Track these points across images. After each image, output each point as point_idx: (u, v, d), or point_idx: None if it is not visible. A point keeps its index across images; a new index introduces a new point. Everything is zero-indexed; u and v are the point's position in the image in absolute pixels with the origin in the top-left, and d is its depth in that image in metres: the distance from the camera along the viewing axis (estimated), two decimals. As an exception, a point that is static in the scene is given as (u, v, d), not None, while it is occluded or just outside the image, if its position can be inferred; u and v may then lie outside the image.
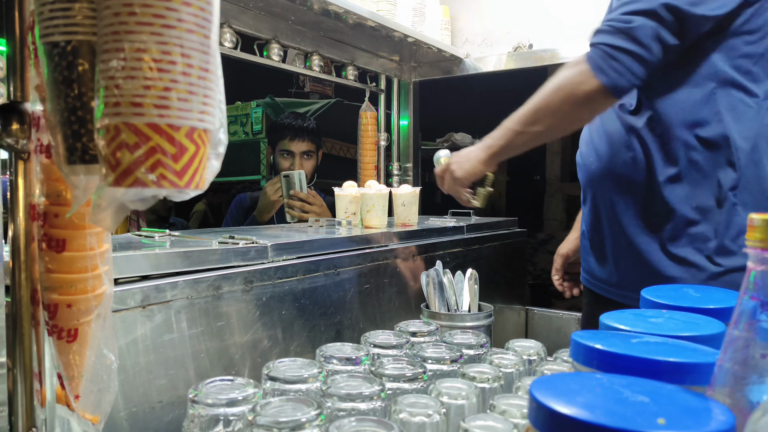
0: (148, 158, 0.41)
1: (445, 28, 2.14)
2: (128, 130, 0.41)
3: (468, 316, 1.16)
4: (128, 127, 0.41)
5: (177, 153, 0.42)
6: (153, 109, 0.41)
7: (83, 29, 0.45)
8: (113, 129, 0.41)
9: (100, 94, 0.41)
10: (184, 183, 0.43)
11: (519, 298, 1.99)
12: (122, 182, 0.42)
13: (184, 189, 0.43)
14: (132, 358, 0.86)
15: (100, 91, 0.41)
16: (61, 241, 0.53)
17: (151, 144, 0.41)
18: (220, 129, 0.45)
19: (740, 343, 0.45)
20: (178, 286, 0.93)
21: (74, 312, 0.54)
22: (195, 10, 0.41)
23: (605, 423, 0.37)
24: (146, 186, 0.41)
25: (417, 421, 0.63)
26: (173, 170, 0.42)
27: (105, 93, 0.41)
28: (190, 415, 0.64)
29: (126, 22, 0.40)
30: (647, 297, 0.77)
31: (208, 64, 0.43)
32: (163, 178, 0.42)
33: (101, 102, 0.41)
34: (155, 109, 0.41)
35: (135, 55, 0.40)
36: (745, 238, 0.44)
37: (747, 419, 0.39)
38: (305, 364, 0.76)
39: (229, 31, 1.54)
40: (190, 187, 0.43)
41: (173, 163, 0.42)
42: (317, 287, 1.18)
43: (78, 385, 0.55)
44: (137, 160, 0.41)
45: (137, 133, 0.41)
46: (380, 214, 1.57)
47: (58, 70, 0.46)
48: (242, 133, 3.58)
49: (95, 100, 0.42)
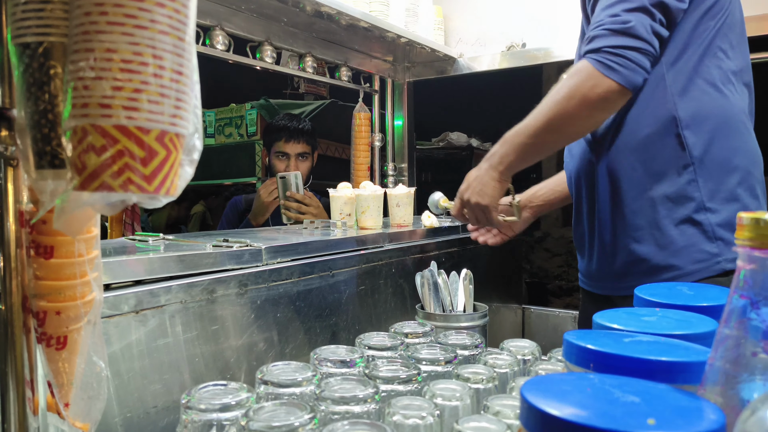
0: (116, 161, 0.40)
1: (438, 28, 2.14)
2: (96, 132, 0.40)
3: (463, 317, 1.16)
4: (96, 129, 0.40)
5: (146, 157, 0.41)
6: (122, 110, 0.39)
7: (56, 30, 0.44)
8: (80, 131, 0.40)
9: (68, 95, 0.40)
10: (153, 188, 0.41)
11: (515, 297, 1.99)
12: (88, 186, 0.40)
13: (153, 194, 0.41)
14: (126, 363, 0.86)
15: (68, 91, 0.40)
16: (49, 247, 0.53)
17: (119, 147, 0.40)
18: (194, 134, 0.44)
19: (731, 342, 0.45)
20: (172, 290, 0.93)
21: (63, 319, 0.53)
22: (169, 12, 0.40)
23: (595, 424, 0.37)
24: (113, 190, 0.40)
25: (411, 424, 0.62)
26: (142, 175, 0.41)
27: (73, 94, 0.40)
28: (183, 421, 0.64)
29: (96, 22, 0.39)
30: (640, 295, 0.77)
31: (182, 67, 0.42)
32: (131, 182, 0.40)
33: (69, 103, 0.40)
34: (124, 111, 0.40)
35: (105, 55, 0.39)
36: (735, 237, 0.44)
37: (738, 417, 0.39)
38: (299, 367, 0.76)
39: (222, 33, 1.53)
40: (159, 193, 0.42)
41: (142, 168, 0.41)
42: (312, 289, 1.18)
43: (68, 393, 0.54)
44: (104, 163, 0.40)
45: (105, 135, 0.40)
46: (375, 215, 1.57)
47: (29, 72, 0.45)
48: (237, 135, 3.57)
49: (63, 100, 0.41)
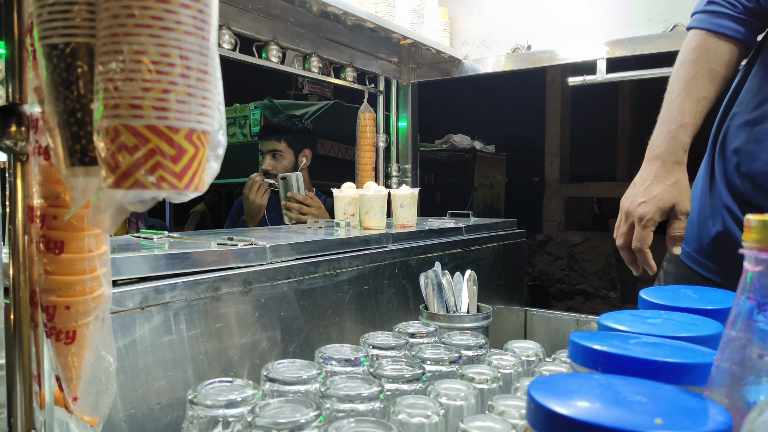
0: (148, 160, 0.41)
1: (443, 30, 2.14)
2: (127, 132, 0.41)
3: (467, 317, 1.16)
4: (127, 129, 0.41)
5: (176, 155, 0.42)
6: (152, 111, 0.41)
7: (82, 31, 0.45)
8: (112, 131, 0.41)
9: (99, 96, 0.41)
10: (184, 185, 0.43)
11: (518, 299, 1.99)
12: (122, 184, 0.42)
13: (183, 191, 0.43)
14: (131, 359, 0.86)
15: (99, 93, 0.41)
16: (60, 242, 0.53)
17: (151, 146, 0.41)
18: (219, 131, 0.45)
19: (737, 344, 0.45)
20: (176, 287, 0.93)
21: (72, 314, 0.54)
22: (193, 12, 0.41)
23: (603, 423, 0.37)
24: (146, 188, 0.41)
25: (416, 422, 0.63)
26: (173, 172, 0.42)
27: (104, 95, 0.41)
28: (189, 417, 0.64)
29: (124, 24, 0.40)
30: (645, 298, 0.77)
31: (206, 66, 0.43)
32: (163, 180, 0.42)
33: (100, 104, 0.41)
34: (154, 111, 0.41)
35: (133, 57, 0.40)
36: (742, 239, 0.44)
37: (744, 419, 0.39)
38: (304, 365, 0.76)
39: (228, 32, 1.54)
40: (189, 189, 0.43)
41: (173, 165, 0.42)
42: (316, 288, 1.18)
43: (76, 387, 0.55)
44: (137, 162, 0.41)
45: (136, 135, 0.41)
46: (379, 216, 1.57)
47: (57, 72, 0.46)
48: (240, 135, 3.58)
49: (94, 102, 0.42)
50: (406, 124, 2.38)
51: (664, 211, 1.06)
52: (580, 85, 1.94)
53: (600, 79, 1.90)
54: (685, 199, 1.06)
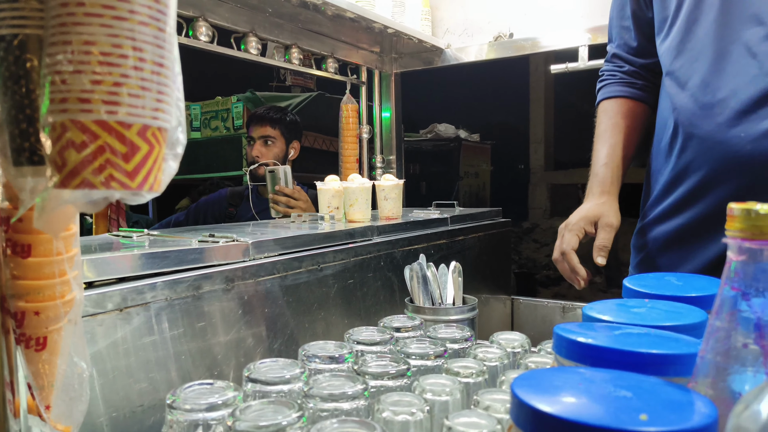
0: (96, 158, 0.39)
1: (425, 19, 2.12)
2: (75, 127, 0.38)
3: (452, 310, 1.15)
4: (75, 125, 0.38)
5: (128, 152, 0.39)
6: (102, 105, 0.38)
7: (32, 22, 0.42)
8: (59, 126, 0.39)
9: (46, 90, 0.39)
10: (137, 184, 0.40)
11: (504, 288, 1.99)
12: (69, 184, 0.39)
13: (136, 191, 0.40)
14: (111, 361, 0.84)
15: (46, 86, 0.39)
16: (26, 246, 0.51)
17: (100, 143, 0.38)
18: (177, 128, 0.43)
19: (722, 334, 0.45)
20: (157, 287, 0.91)
21: (42, 319, 0.52)
22: (149, 2, 0.39)
23: (587, 421, 0.37)
24: (95, 188, 0.39)
25: (400, 420, 0.62)
26: (124, 171, 0.39)
27: (51, 88, 0.38)
28: (168, 421, 0.63)
29: (74, 14, 0.38)
30: (629, 286, 0.77)
31: (163, 59, 0.40)
32: (113, 179, 0.39)
33: (47, 98, 0.39)
34: (104, 105, 0.38)
35: (83, 48, 0.37)
36: (725, 228, 0.44)
37: (729, 409, 0.38)
38: (287, 364, 0.75)
39: (205, 24, 1.50)
40: (143, 189, 0.41)
41: (124, 164, 0.39)
42: (300, 284, 1.17)
43: (49, 395, 0.53)
44: (84, 160, 0.38)
45: (84, 130, 0.38)
46: (364, 208, 1.56)
47: (4, 65, 0.43)
48: (223, 128, 3.54)
49: (40, 96, 0.40)
50: (389, 114, 2.36)
51: (590, 220, 1.19)
52: (563, 73, 1.94)
53: (582, 66, 1.90)
54: (611, 213, 1.19)
